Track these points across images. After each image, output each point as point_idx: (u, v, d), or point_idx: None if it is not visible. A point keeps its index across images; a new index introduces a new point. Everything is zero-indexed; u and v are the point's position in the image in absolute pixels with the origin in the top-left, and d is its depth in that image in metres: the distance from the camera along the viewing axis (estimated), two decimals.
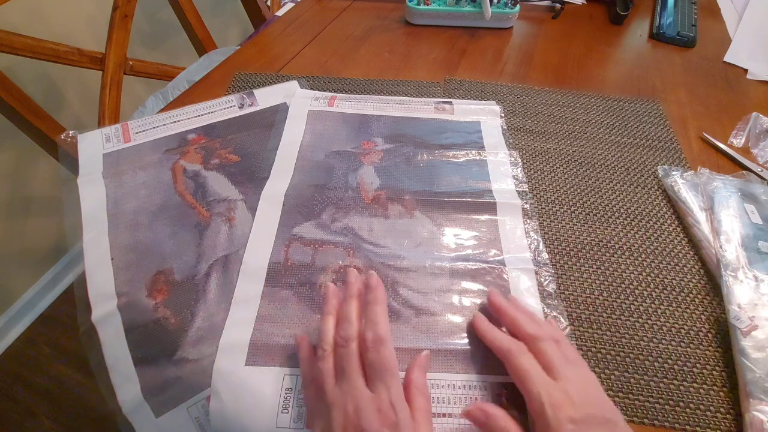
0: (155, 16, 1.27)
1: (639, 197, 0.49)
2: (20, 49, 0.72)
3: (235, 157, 0.49)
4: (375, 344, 0.30)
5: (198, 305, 0.37)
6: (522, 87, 0.63)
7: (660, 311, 0.39)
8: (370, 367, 0.30)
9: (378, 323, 0.31)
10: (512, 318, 0.33)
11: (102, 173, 0.46)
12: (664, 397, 0.35)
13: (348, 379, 0.29)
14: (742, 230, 0.42)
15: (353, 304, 0.33)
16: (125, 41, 0.83)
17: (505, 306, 0.35)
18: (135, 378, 0.34)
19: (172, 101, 0.65)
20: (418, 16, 0.75)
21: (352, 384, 0.29)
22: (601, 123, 0.57)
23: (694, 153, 0.54)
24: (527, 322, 0.32)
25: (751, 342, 0.35)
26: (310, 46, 0.72)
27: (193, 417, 0.33)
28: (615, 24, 0.77)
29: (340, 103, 0.55)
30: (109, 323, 0.36)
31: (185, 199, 0.45)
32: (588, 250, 0.44)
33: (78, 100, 1.16)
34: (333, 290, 0.35)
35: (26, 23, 0.99)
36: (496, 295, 0.36)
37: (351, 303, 0.33)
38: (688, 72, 0.67)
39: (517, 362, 0.30)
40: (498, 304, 0.35)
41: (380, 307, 0.33)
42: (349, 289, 0.34)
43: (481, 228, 0.43)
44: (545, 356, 0.30)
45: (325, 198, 0.45)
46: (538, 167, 0.52)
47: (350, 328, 0.31)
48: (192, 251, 0.41)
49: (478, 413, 0.29)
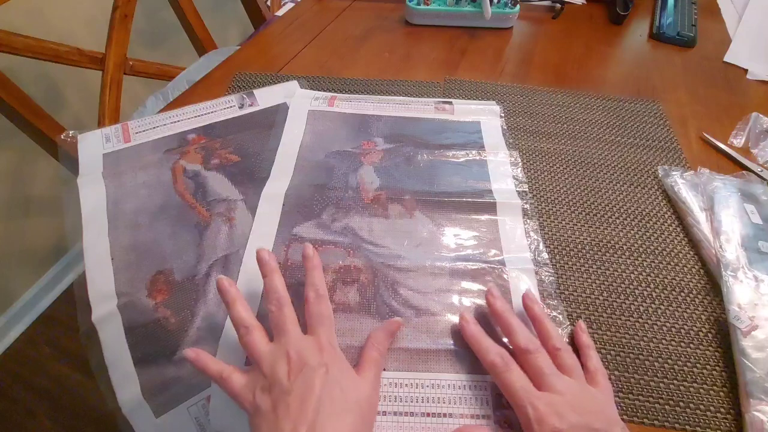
0: (155, 16, 1.27)
1: (639, 197, 0.49)
2: (20, 49, 0.72)
3: (235, 157, 0.49)
4: (317, 299, 0.33)
5: (198, 305, 0.37)
6: (522, 87, 0.63)
7: (660, 311, 0.39)
8: (310, 317, 0.32)
9: (318, 284, 0.34)
10: (506, 325, 0.33)
11: (102, 173, 0.46)
12: (664, 397, 0.35)
13: (286, 332, 0.31)
14: (742, 230, 0.42)
15: (277, 278, 0.34)
16: (125, 41, 0.83)
17: (500, 311, 0.34)
18: (135, 378, 0.34)
19: (172, 101, 0.65)
20: (418, 16, 0.75)
21: (290, 335, 0.30)
22: (601, 123, 0.57)
23: (694, 153, 0.54)
24: (520, 332, 0.32)
25: (751, 342, 0.35)
26: (310, 46, 0.72)
27: (193, 417, 0.33)
28: (615, 24, 0.77)
29: (340, 103, 0.55)
30: (109, 323, 0.36)
31: (185, 199, 0.45)
32: (588, 250, 0.44)
33: (78, 100, 1.16)
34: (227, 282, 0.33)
35: (26, 23, 0.99)
36: (494, 296, 0.35)
37: (275, 277, 0.34)
38: (688, 72, 0.67)
39: (503, 377, 0.30)
40: (493, 307, 0.35)
41: (319, 272, 0.35)
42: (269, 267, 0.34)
43: (481, 228, 0.43)
44: (533, 368, 0.30)
45: (325, 198, 0.45)
46: (538, 167, 0.52)
47: (282, 296, 0.33)
48: (192, 251, 0.41)
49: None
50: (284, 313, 0.32)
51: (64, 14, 1.07)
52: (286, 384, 0.28)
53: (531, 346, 0.31)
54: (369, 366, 0.31)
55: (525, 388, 0.29)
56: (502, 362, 0.31)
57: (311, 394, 0.27)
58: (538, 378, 0.30)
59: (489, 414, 0.32)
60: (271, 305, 0.32)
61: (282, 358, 0.29)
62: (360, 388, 0.30)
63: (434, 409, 0.32)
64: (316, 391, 0.27)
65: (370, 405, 0.30)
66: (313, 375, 0.28)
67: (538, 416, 0.28)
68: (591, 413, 0.28)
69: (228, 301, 0.33)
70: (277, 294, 0.33)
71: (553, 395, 0.29)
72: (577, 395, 0.29)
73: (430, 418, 0.32)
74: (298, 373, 0.28)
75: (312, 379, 0.28)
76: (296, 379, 0.28)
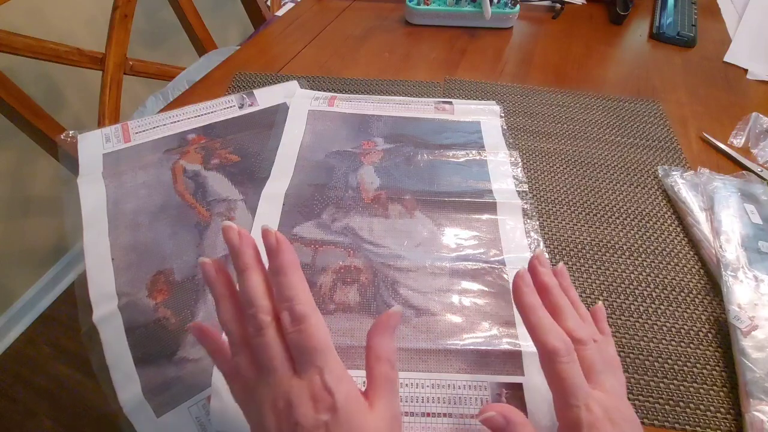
0: (155, 16, 1.27)
1: (639, 197, 0.49)
2: (20, 49, 0.72)
3: (235, 157, 0.49)
4: (294, 324, 0.24)
5: (198, 305, 0.37)
6: (522, 87, 0.63)
7: (660, 311, 0.39)
8: (294, 350, 0.24)
9: (292, 298, 0.24)
10: (556, 306, 0.28)
11: (102, 173, 0.46)
12: (664, 397, 0.35)
13: (272, 372, 0.24)
14: (742, 230, 0.42)
15: (254, 276, 0.25)
16: (125, 41, 0.83)
17: (550, 285, 0.29)
18: (136, 378, 0.34)
19: (172, 101, 0.65)
20: (418, 16, 0.75)
21: (277, 377, 0.23)
22: (601, 123, 0.57)
23: (694, 153, 0.54)
24: (571, 318, 0.28)
25: (751, 342, 0.35)
26: (310, 46, 0.72)
27: (194, 417, 0.33)
28: (615, 24, 0.77)
29: (340, 103, 0.55)
30: (110, 323, 0.36)
31: (185, 199, 0.45)
32: (588, 250, 0.44)
33: (78, 100, 1.16)
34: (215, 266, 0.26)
35: (26, 23, 0.99)
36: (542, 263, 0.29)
37: (250, 277, 0.25)
38: (688, 72, 0.67)
39: (561, 368, 0.25)
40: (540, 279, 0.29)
41: (291, 275, 0.24)
42: (241, 260, 0.25)
43: (482, 228, 0.43)
44: (586, 361, 0.26)
45: (325, 198, 0.45)
46: (538, 167, 0.52)
47: (260, 313, 0.24)
48: (192, 251, 0.41)
49: (499, 420, 0.25)
50: (265, 341, 0.24)
51: (64, 14, 1.07)
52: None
53: (585, 335, 0.27)
54: (381, 388, 0.25)
55: (583, 386, 0.25)
56: (565, 350, 0.25)
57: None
58: (589, 372, 0.26)
59: None
60: (249, 323, 0.24)
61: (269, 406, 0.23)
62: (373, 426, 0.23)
63: (434, 409, 0.32)
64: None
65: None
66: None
67: (591, 420, 0.24)
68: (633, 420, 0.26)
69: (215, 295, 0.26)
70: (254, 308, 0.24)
71: (605, 396, 0.25)
72: (621, 398, 0.26)
73: (430, 418, 0.32)
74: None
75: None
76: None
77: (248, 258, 0.25)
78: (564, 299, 0.29)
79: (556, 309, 0.28)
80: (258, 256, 0.26)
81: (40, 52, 0.75)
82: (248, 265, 0.25)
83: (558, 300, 0.28)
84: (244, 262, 0.25)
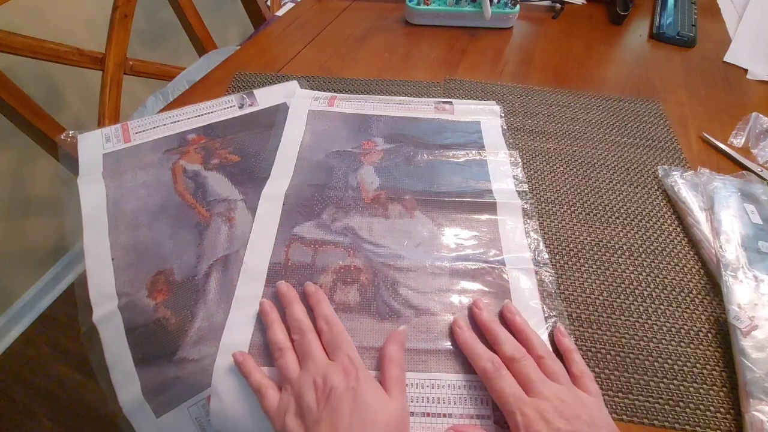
0: (155, 16, 1.27)
1: (639, 197, 0.49)
2: (20, 49, 0.72)
3: (235, 157, 0.49)
4: (329, 327, 0.34)
5: (198, 305, 0.37)
6: (522, 87, 0.63)
7: (660, 311, 0.39)
8: (328, 345, 0.33)
9: (328, 314, 0.35)
10: (493, 335, 0.34)
11: (102, 173, 0.46)
12: (664, 397, 0.35)
13: (312, 358, 0.32)
14: (742, 230, 0.42)
15: (297, 307, 0.36)
16: (125, 41, 0.83)
17: (486, 321, 0.35)
18: (135, 378, 0.34)
19: (172, 101, 0.65)
20: (418, 16, 0.75)
21: (316, 361, 0.31)
22: (601, 123, 0.57)
23: (694, 153, 0.54)
24: (506, 341, 0.33)
25: (751, 342, 0.35)
26: (310, 46, 0.72)
27: (194, 417, 0.33)
28: (615, 24, 0.77)
29: (340, 103, 0.55)
30: (109, 323, 0.36)
31: (185, 199, 0.45)
32: (588, 250, 0.44)
33: (78, 100, 1.16)
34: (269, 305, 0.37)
35: (26, 23, 0.99)
36: (479, 307, 0.36)
37: (296, 306, 0.36)
38: (688, 72, 0.67)
39: (493, 383, 0.31)
40: (479, 318, 0.36)
41: (325, 304, 0.36)
42: (288, 298, 0.36)
43: (482, 228, 0.43)
44: (520, 376, 0.31)
45: (325, 198, 0.45)
46: (538, 167, 0.52)
47: (304, 323, 0.34)
48: (192, 251, 0.41)
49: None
50: (308, 340, 0.33)
51: (64, 14, 1.07)
52: (316, 412, 0.28)
53: (517, 354, 0.32)
54: (394, 384, 0.31)
55: (515, 394, 0.30)
56: (493, 368, 0.31)
57: (341, 422, 0.28)
58: (525, 385, 0.31)
59: (488, 414, 0.32)
60: (295, 334, 0.34)
61: (309, 385, 0.30)
62: (390, 409, 0.30)
63: (434, 409, 0.32)
64: (346, 418, 0.28)
65: (402, 424, 0.30)
66: (341, 401, 0.28)
67: (526, 422, 0.28)
68: (578, 418, 0.29)
69: (267, 323, 0.35)
70: (298, 323, 0.34)
71: (541, 401, 0.29)
72: (564, 400, 0.30)
73: (430, 418, 0.32)
74: (325, 400, 0.29)
75: (341, 405, 0.28)
76: (325, 406, 0.28)
77: (293, 294, 0.37)
78: (499, 329, 0.34)
79: (493, 338, 0.34)
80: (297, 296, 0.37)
81: (40, 52, 0.74)
82: (293, 299, 0.36)
83: (494, 330, 0.34)
84: (290, 298, 0.36)
